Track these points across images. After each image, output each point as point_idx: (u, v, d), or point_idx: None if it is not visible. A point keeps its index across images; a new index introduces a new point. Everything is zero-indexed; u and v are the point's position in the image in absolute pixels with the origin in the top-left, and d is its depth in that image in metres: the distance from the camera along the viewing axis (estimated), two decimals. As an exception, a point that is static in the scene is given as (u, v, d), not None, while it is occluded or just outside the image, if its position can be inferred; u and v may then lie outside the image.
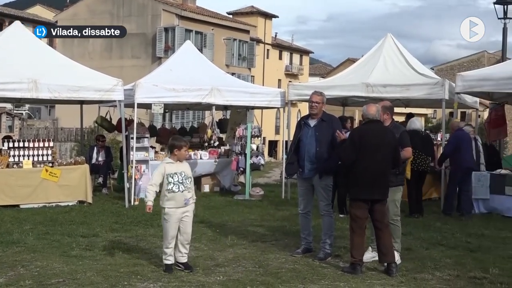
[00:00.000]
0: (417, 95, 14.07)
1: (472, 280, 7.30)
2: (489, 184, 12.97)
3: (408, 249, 8.78)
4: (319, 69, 79.79)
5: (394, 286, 6.96)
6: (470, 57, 70.27)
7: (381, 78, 14.34)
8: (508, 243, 9.76)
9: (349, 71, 15.90)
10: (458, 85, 13.57)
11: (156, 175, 7.37)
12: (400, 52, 15.20)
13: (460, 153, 12.66)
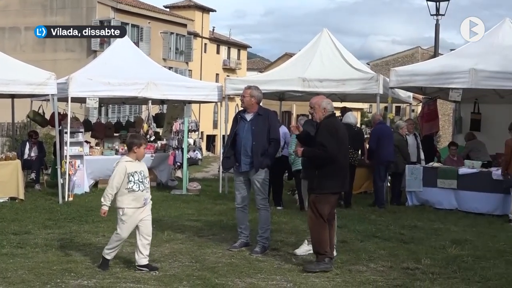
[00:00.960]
0: (352, 89, 14.31)
1: (405, 270, 7.45)
2: (422, 177, 13.28)
3: (344, 242, 8.90)
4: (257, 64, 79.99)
5: (330, 278, 7.03)
6: (405, 53, 71.80)
7: (318, 73, 14.49)
8: (440, 234, 10.01)
9: (286, 65, 16.01)
10: (392, 80, 13.85)
11: (118, 176, 6.99)
12: (336, 47, 15.40)
13: (381, 147, 12.96)
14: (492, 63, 12.97)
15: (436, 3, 19.87)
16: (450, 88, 13.31)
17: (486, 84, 12.88)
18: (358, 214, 11.81)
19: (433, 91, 15.53)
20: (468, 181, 12.78)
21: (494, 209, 12.40)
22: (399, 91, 15.31)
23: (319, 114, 7.44)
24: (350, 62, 14.91)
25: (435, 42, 20.27)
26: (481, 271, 7.42)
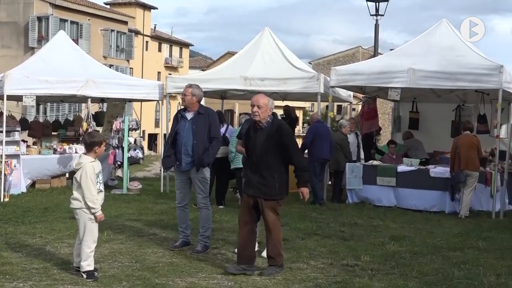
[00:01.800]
0: (293, 88, 14.39)
1: (345, 267, 7.53)
2: (362, 175, 13.47)
3: (285, 240, 8.86)
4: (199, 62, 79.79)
5: (271, 277, 7.03)
6: (346, 52, 72.81)
7: (259, 71, 14.52)
8: (379, 231, 10.17)
9: (228, 64, 15.99)
10: (332, 79, 14.00)
11: (93, 178, 6.73)
12: (278, 46, 15.46)
13: (317, 145, 13.16)
14: (430, 63, 13.25)
15: (375, 4, 20.19)
16: (389, 88, 13.54)
17: (424, 83, 13.14)
18: (299, 212, 11.89)
19: (373, 90, 15.77)
20: (407, 179, 13.04)
21: (431, 206, 12.69)
22: (339, 90, 15.48)
23: (264, 114, 7.09)
24: (291, 61, 14.98)
25: (375, 42, 20.59)
26: (418, 266, 7.58)
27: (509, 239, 9.77)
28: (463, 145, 12.28)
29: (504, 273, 7.32)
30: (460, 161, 12.20)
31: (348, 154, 13.93)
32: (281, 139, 6.98)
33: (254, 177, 7.08)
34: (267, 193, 7.03)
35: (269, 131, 7.03)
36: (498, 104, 12.33)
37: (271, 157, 6.98)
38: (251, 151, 7.14)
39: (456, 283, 6.81)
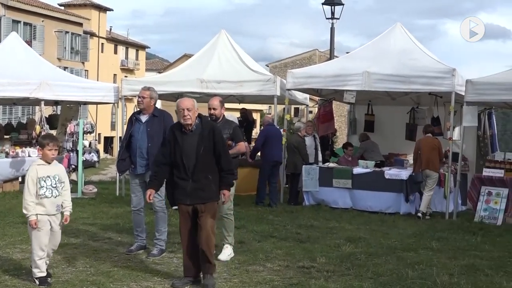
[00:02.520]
0: (250, 91, 14.40)
1: (301, 269, 7.56)
2: (318, 177, 13.57)
3: (241, 242, 8.94)
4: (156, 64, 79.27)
5: (227, 279, 7.03)
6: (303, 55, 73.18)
7: (216, 74, 14.50)
8: (335, 232, 10.25)
9: (184, 66, 15.91)
10: (288, 82, 14.07)
11: (30, 182, 6.47)
12: (234, 49, 15.45)
13: (268, 147, 13.28)
14: (384, 66, 13.42)
15: (331, 7, 20.36)
16: (345, 90, 13.67)
17: (379, 86, 13.31)
18: (256, 214, 11.90)
19: (329, 93, 15.90)
20: (362, 181, 13.17)
21: (387, 207, 12.84)
22: (296, 93, 15.56)
23: (194, 116, 6.69)
24: (247, 64, 14.99)
25: (331, 45, 20.75)
26: (373, 267, 7.65)
27: (461, 239, 9.95)
28: (425, 146, 12.58)
29: (456, 273, 7.45)
30: (421, 162, 12.50)
31: (305, 157, 14.01)
32: (214, 140, 6.69)
33: (187, 184, 6.66)
34: (204, 197, 6.69)
35: (201, 134, 6.68)
36: (451, 106, 12.57)
37: (206, 160, 6.65)
38: (180, 156, 6.65)
39: (410, 283, 6.90)
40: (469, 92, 12.22)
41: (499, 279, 7.19)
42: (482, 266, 7.90)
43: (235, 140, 8.18)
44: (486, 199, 12.29)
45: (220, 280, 6.97)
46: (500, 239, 10.10)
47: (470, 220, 11.97)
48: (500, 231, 10.81)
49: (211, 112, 8.10)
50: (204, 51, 15.63)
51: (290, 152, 13.95)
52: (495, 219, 11.97)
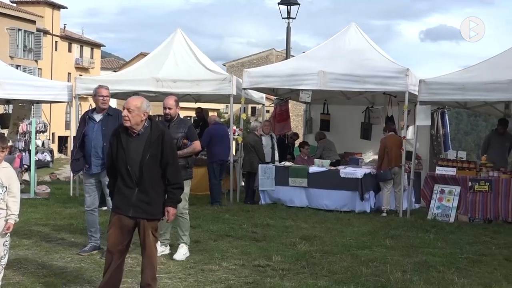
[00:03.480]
0: (206, 90, 14.36)
1: (256, 268, 7.57)
2: (274, 176, 13.60)
3: (197, 242, 8.90)
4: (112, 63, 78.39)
5: (182, 279, 7.00)
6: (260, 54, 73.33)
7: (171, 73, 14.42)
8: (291, 231, 10.29)
9: (139, 65, 15.79)
10: (244, 81, 14.09)
11: None
12: (190, 47, 15.39)
13: (214, 147, 13.31)
14: (339, 65, 13.54)
15: (287, 7, 20.44)
16: (301, 90, 13.74)
17: (334, 85, 13.42)
18: (212, 214, 11.86)
19: (285, 92, 15.97)
20: (318, 180, 13.26)
21: (342, 206, 12.97)
22: (252, 92, 15.57)
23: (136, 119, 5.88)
24: (204, 63, 14.95)
25: (287, 45, 20.82)
26: (328, 265, 7.71)
27: (415, 236, 10.09)
28: (393, 144, 12.85)
29: (409, 269, 7.56)
30: (389, 159, 12.75)
31: (262, 156, 14.04)
32: (162, 147, 5.87)
33: (133, 193, 5.83)
34: (151, 212, 5.87)
35: (148, 139, 5.86)
36: (405, 106, 12.76)
37: (153, 169, 5.84)
38: (124, 161, 5.85)
39: (364, 281, 6.97)
40: (422, 92, 12.41)
41: (451, 275, 7.31)
42: (435, 262, 8.03)
43: (191, 138, 8.16)
44: (439, 197, 12.49)
45: (175, 280, 6.94)
46: (452, 236, 10.27)
47: (424, 218, 12.16)
48: (452, 228, 11.00)
49: (166, 111, 8.07)
50: (160, 50, 15.53)
51: (247, 151, 13.97)
52: (447, 216, 12.18)
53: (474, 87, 11.92)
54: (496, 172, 12.22)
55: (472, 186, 12.16)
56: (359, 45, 14.51)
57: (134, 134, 5.91)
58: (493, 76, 11.85)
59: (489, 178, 12.14)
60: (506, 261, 8.30)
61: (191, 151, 8.22)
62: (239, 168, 14.48)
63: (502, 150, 13.92)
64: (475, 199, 12.09)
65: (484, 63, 12.86)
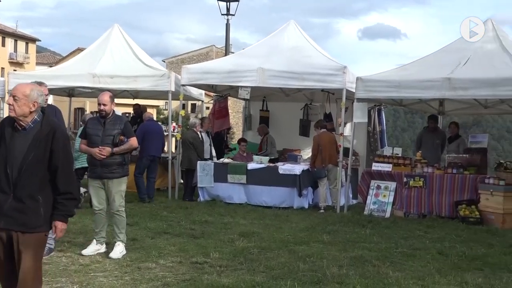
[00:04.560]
0: (144, 86, 14.22)
1: (194, 265, 7.53)
2: (213, 173, 13.58)
3: (134, 239, 8.80)
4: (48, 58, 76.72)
5: (118, 277, 6.90)
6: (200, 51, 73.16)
7: (108, 68, 14.20)
8: (229, 228, 10.28)
9: (75, 61, 15.50)
10: (183, 77, 14.01)
11: None
12: (128, 43, 15.19)
13: (146, 142, 13.30)
14: (278, 63, 13.61)
15: (226, 3, 20.44)
16: (240, 86, 13.75)
17: (273, 82, 13.48)
18: (150, 211, 11.76)
19: (224, 89, 15.95)
20: (257, 176, 13.30)
21: (281, 202, 13.05)
22: (191, 89, 15.48)
23: (23, 109, 5.58)
24: (142, 59, 14.77)
25: (226, 41, 20.85)
26: (266, 261, 7.73)
27: (351, 232, 10.24)
28: (326, 142, 12.98)
29: (345, 264, 7.66)
30: (322, 157, 12.86)
31: (201, 153, 13.99)
32: (52, 147, 4.79)
33: (7, 199, 4.69)
34: (26, 223, 4.68)
35: (36, 134, 4.78)
36: (342, 103, 12.92)
37: (37, 172, 4.73)
38: (3, 160, 4.73)
39: (301, 276, 7.02)
40: (359, 89, 12.59)
41: (386, 269, 7.44)
42: (370, 257, 8.15)
43: (127, 135, 8.08)
44: (375, 192, 12.71)
45: (110, 278, 6.84)
46: (388, 231, 10.46)
47: (360, 213, 12.35)
48: (388, 223, 11.21)
49: (101, 107, 7.97)
50: (97, 45, 15.26)
51: (185, 147, 13.89)
52: (383, 212, 12.40)
53: (409, 84, 12.17)
54: (430, 168, 12.51)
55: (407, 182, 12.41)
56: (298, 42, 14.62)
57: (21, 128, 4.80)
58: (428, 74, 12.12)
59: (423, 174, 12.42)
60: (439, 255, 8.50)
61: (128, 148, 8.14)
62: (178, 165, 14.39)
63: (434, 147, 14.28)
64: (410, 194, 12.35)
65: (419, 61, 13.15)
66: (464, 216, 11.51)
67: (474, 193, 11.94)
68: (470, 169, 12.31)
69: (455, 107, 15.85)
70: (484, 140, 14.00)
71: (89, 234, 8.80)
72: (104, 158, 7.86)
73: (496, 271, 7.63)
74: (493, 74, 11.51)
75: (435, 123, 14.66)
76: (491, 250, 8.93)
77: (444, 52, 12.98)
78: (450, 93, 11.82)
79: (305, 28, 15.45)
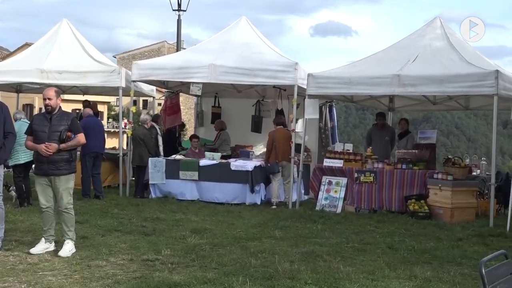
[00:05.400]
0: (94, 82, 14.03)
1: (145, 262, 7.45)
2: (165, 170, 13.48)
3: (84, 237, 8.67)
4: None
5: (67, 276, 6.77)
6: (151, 47, 72.42)
7: (57, 64, 13.96)
8: (181, 224, 10.23)
9: (23, 56, 15.17)
10: (134, 73, 13.87)
11: None
12: (77, 38, 14.94)
13: (87, 139, 13.11)
14: (230, 59, 13.59)
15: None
16: (191, 83, 13.68)
17: (224, 79, 13.45)
18: (101, 208, 11.61)
19: (175, 85, 15.85)
20: (209, 173, 13.28)
21: (233, 198, 13.05)
22: (142, 85, 15.35)
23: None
24: (91, 54, 14.54)
25: (177, 37, 20.71)
26: (218, 257, 7.71)
27: (303, 227, 10.30)
28: (281, 138, 13.04)
29: (297, 260, 7.69)
30: (276, 153, 12.93)
31: (152, 149, 13.89)
32: None
33: None
34: None
35: None
36: (294, 99, 12.98)
37: None
38: None
39: (253, 272, 7.02)
40: (310, 86, 12.66)
41: (337, 264, 7.51)
42: (322, 252, 8.21)
43: (75, 131, 7.93)
44: (326, 188, 12.82)
45: (59, 277, 6.71)
46: (339, 226, 10.56)
47: (312, 209, 12.44)
48: (339, 219, 11.31)
49: (46, 102, 7.78)
50: (45, 40, 14.96)
51: (136, 144, 13.76)
52: (335, 207, 12.52)
53: (359, 81, 12.29)
54: (380, 163, 12.67)
55: (358, 178, 12.56)
56: (249, 38, 14.62)
57: None
58: (378, 71, 12.27)
59: (374, 169, 12.57)
60: (389, 249, 8.62)
61: (76, 144, 8.02)
62: (129, 162, 14.24)
63: (384, 143, 14.47)
64: (361, 190, 12.50)
65: (369, 58, 13.29)
66: (414, 210, 11.70)
67: (423, 188, 12.17)
68: (419, 164, 12.52)
69: (404, 104, 16.10)
70: (432, 136, 14.26)
71: (38, 232, 8.64)
72: (51, 154, 7.70)
73: (444, 264, 7.78)
74: (441, 71, 11.72)
75: (383, 120, 14.87)
76: (440, 244, 9.10)
77: (394, 49, 13.15)
78: (399, 89, 11.98)
79: (257, 24, 15.50)
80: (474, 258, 8.06)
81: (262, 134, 16.09)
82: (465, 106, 15.54)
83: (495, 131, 11.48)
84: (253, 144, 16.17)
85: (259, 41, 14.72)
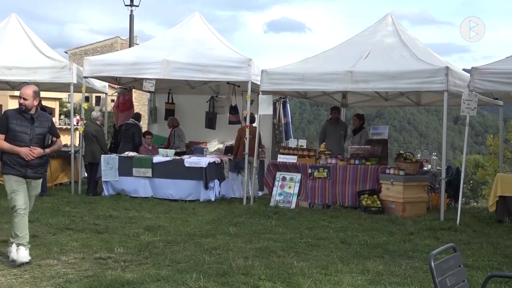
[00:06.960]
0: (44, 78, 13.77)
1: (97, 260, 7.36)
2: (118, 167, 13.34)
3: (35, 236, 8.49)
4: None
5: (17, 276, 6.64)
6: (104, 42, 71.67)
7: (6, 60, 13.70)
8: (134, 222, 10.13)
9: (-30, 52, 14.78)
10: (85, 69, 13.69)
11: None
12: (26, 33, 14.66)
13: None
14: (183, 55, 13.53)
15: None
16: (144, 79, 13.57)
17: (178, 75, 13.39)
18: (52, 206, 11.42)
19: (128, 81, 15.70)
20: (162, 169, 13.18)
21: (187, 195, 13.00)
22: (94, 81, 15.15)
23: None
24: (41, 50, 14.29)
25: (130, 33, 20.52)
26: (171, 255, 7.66)
27: (257, 223, 10.31)
28: (249, 134, 12.95)
29: (251, 256, 7.70)
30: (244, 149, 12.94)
31: (104, 146, 13.75)
32: None
33: None
34: None
35: None
36: (247, 95, 12.98)
37: None
38: None
39: (207, 268, 6.99)
40: (264, 82, 12.69)
41: (290, 260, 7.54)
42: (275, 248, 8.23)
43: (55, 135, 7.59)
44: (281, 184, 12.87)
45: (9, 277, 6.58)
46: (293, 221, 10.61)
47: (266, 205, 12.47)
48: (293, 214, 11.37)
49: (21, 101, 7.30)
50: (-7, 36, 14.62)
51: (88, 141, 13.59)
52: (289, 203, 12.58)
53: (312, 77, 12.37)
54: (334, 159, 12.78)
55: (311, 173, 12.63)
56: (202, 34, 14.57)
57: None
58: (331, 67, 12.36)
59: (327, 165, 12.67)
60: (342, 244, 8.70)
61: (58, 148, 7.73)
62: (81, 159, 14.04)
63: (338, 138, 14.60)
64: (314, 185, 12.58)
65: (322, 54, 13.39)
66: (366, 205, 11.84)
67: (375, 183, 12.31)
68: (371, 160, 12.66)
69: (357, 100, 16.27)
70: (385, 132, 14.42)
71: None
72: (33, 159, 7.43)
73: (396, 258, 7.89)
74: (393, 67, 11.87)
75: (338, 113, 14.98)
76: (392, 238, 9.23)
77: (347, 46, 13.27)
78: (352, 85, 12.09)
79: (211, 20, 15.46)
80: (425, 252, 8.19)
81: (216, 130, 16.08)
82: (416, 102, 15.79)
83: (445, 127, 11.70)
84: (207, 141, 16.12)
85: (213, 37, 14.68)
